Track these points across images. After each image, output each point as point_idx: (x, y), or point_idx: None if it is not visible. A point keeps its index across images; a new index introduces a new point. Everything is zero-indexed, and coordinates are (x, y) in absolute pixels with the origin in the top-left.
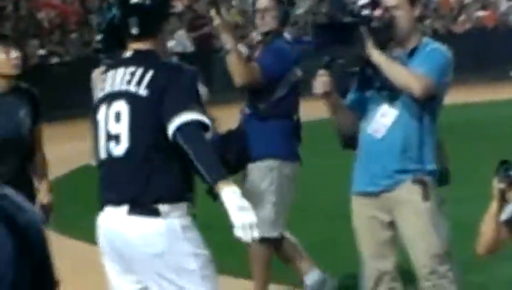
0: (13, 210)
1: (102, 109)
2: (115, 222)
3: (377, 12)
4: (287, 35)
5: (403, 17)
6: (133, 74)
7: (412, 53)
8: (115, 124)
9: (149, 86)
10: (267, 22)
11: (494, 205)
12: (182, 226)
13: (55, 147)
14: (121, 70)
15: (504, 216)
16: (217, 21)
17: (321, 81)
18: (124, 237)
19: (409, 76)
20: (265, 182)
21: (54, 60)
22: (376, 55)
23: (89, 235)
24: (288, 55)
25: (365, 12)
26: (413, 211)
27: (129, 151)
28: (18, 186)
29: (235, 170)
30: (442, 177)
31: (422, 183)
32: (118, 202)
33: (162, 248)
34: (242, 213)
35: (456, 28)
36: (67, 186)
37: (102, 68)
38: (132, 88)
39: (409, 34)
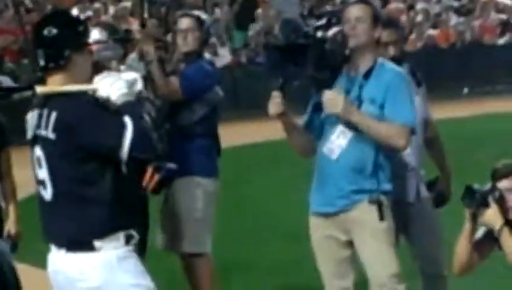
0: None
1: (31, 154)
2: (56, 261)
3: (330, 32)
4: (206, 55)
5: (363, 31)
6: (40, 116)
7: (367, 74)
8: (38, 169)
9: (55, 128)
10: (188, 42)
11: (467, 227)
12: (118, 257)
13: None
14: (34, 113)
15: (476, 238)
16: (139, 34)
17: (275, 102)
18: (65, 274)
19: (389, 134)
20: (190, 199)
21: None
22: (356, 117)
23: (43, 260)
24: (210, 75)
25: (319, 33)
26: (370, 231)
27: (55, 196)
28: None
29: (159, 186)
30: (438, 200)
31: (378, 203)
32: (57, 245)
33: (98, 281)
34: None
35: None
36: (23, 213)
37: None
38: (42, 132)
39: (364, 52)
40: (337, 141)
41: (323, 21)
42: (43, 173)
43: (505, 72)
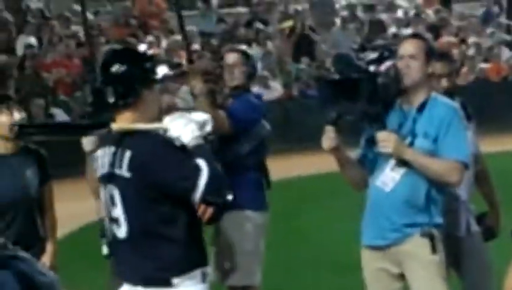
0: (28, 270)
1: (102, 191)
2: None
3: (383, 67)
4: (256, 88)
5: (416, 68)
6: (114, 155)
7: (421, 108)
8: (112, 207)
9: (130, 167)
10: (235, 77)
11: None
12: None
13: (64, 204)
14: (106, 150)
15: None
16: (186, 67)
17: (328, 137)
18: None
19: (442, 171)
20: (241, 233)
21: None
22: (409, 155)
23: None
24: (257, 108)
25: (371, 68)
26: (422, 265)
27: (130, 234)
28: (27, 248)
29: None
30: (487, 234)
31: (430, 236)
32: (132, 282)
33: None
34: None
35: (459, 80)
36: (76, 243)
37: (90, 137)
38: (116, 170)
39: (418, 87)
40: (391, 174)
41: (375, 55)
42: (117, 211)
43: None
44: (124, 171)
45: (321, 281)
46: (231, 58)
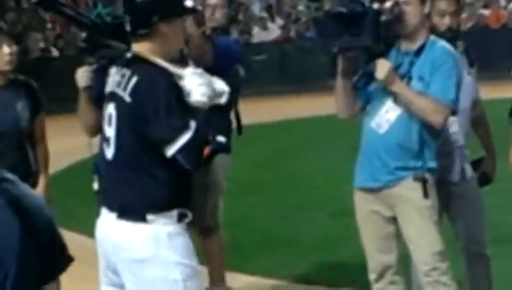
0: (18, 194)
1: (104, 109)
2: (106, 225)
3: (387, 5)
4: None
5: (412, 12)
6: (123, 77)
7: (419, 51)
8: (107, 126)
9: (132, 93)
10: (216, 18)
11: None
12: (168, 233)
13: (54, 142)
14: (117, 70)
15: None
16: None
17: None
18: (112, 240)
19: (428, 109)
20: (218, 172)
21: (55, 53)
22: (397, 87)
23: (85, 227)
24: (234, 52)
25: (375, 5)
26: (414, 209)
27: (115, 156)
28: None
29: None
30: (483, 180)
31: (423, 180)
32: (109, 207)
33: (145, 254)
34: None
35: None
36: (66, 180)
37: (86, 67)
38: (120, 92)
39: (416, 31)
40: (386, 115)
41: None
42: (111, 131)
43: None
44: (126, 95)
45: (313, 224)
46: None
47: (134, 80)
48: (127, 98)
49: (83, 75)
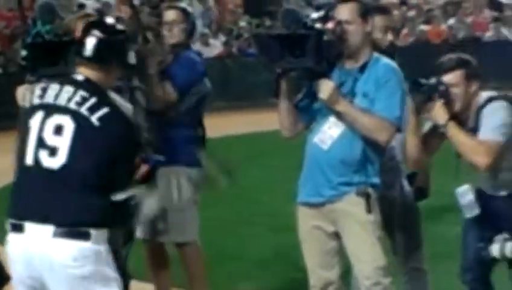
0: None
1: (38, 116)
2: (37, 242)
3: (329, 25)
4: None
5: (355, 31)
6: (85, 99)
7: (362, 68)
8: (53, 135)
9: (102, 120)
10: (174, 34)
11: (412, 121)
12: (106, 251)
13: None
14: (69, 89)
15: (423, 132)
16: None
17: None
18: (48, 259)
19: (372, 127)
20: (175, 187)
21: None
22: (341, 106)
23: None
24: (198, 67)
25: (318, 25)
26: (357, 224)
27: (65, 168)
28: None
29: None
30: (418, 194)
31: (366, 195)
32: (41, 219)
33: (88, 271)
34: None
35: (399, 41)
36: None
37: (27, 86)
38: (84, 112)
39: (360, 49)
40: (329, 131)
41: (321, 13)
42: (59, 141)
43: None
44: (93, 118)
45: (257, 239)
46: (170, 15)
47: (104, 110)
48: (95, 122)
49: (25, 93)
